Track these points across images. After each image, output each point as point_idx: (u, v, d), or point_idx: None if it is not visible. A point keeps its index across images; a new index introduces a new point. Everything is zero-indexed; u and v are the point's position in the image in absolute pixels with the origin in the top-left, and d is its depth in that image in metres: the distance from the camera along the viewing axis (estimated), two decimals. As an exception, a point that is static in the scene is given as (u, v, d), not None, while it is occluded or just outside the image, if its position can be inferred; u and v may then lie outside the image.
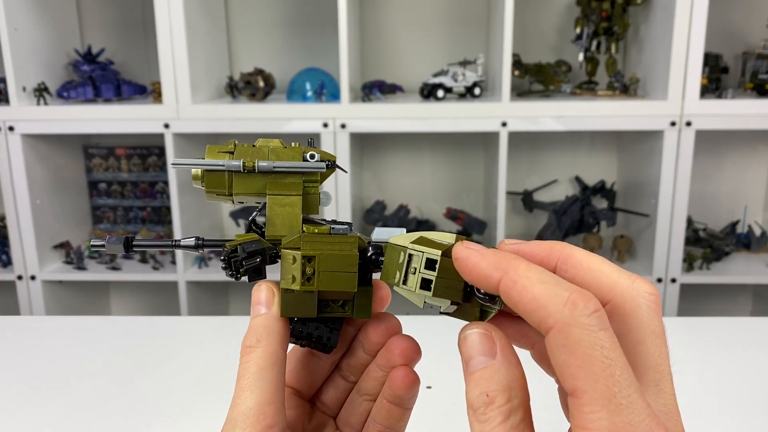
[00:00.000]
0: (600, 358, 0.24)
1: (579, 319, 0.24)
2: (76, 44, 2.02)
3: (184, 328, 0.97)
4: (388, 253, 0.33)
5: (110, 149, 2.10)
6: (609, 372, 0.23)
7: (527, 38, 1.96)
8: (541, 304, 0.25)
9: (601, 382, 0.23)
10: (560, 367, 0.24)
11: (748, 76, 1.80)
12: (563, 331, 0.24)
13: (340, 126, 1.73)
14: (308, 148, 0.37)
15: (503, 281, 0.26)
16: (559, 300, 0.24)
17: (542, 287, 0.25)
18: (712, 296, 2.06)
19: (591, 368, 0.23)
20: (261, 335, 0.33)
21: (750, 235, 1.95)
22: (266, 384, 0.32)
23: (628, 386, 0.24)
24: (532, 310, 0.25)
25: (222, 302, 2.18)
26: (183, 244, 0.39)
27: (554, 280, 0.25)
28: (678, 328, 0.97)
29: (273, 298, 0.34)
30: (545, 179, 2.05)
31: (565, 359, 0.24)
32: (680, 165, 1.69)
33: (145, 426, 0.69)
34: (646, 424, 0.23)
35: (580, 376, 0.24)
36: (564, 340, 0.24)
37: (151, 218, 2.14)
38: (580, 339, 0.24)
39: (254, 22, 2.04)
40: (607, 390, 0.23)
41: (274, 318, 0.34)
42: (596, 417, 0.23)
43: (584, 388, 0.23)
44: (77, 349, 0.87)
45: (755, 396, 0.74)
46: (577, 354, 0.24)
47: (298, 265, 0.33)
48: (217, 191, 0.37)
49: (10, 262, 1.89)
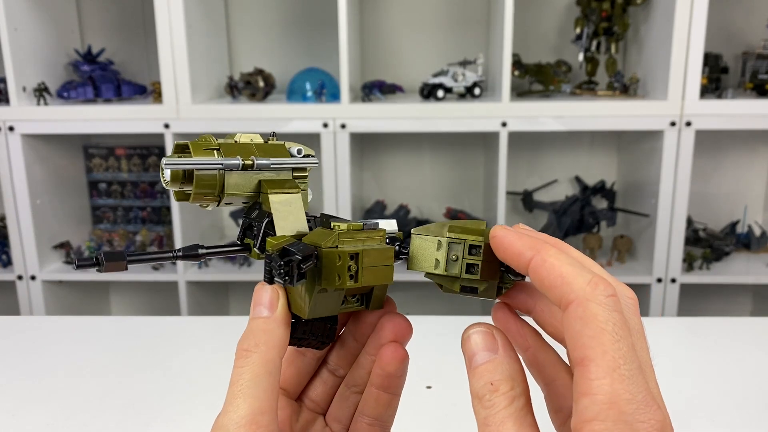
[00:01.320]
0: (611, 332, 0.26)
1: (598, 297, 0.27)
2: (76, 44, 2.02)
3: (184, 328, 0.97)
4: (416, 243, 0.35)
5: (110, 149, 2.10)
6: (617, 346, 0.26)
7: (527, 38, 1.96)
8: (567, 281, 0.28)
9: (609, 354, 0.26)
10: (574, 336, 0.27)
11: (748, 76, 1.80)
12: (583, 304, 0.27)
13: (340, 126, 1.73)
14: (291, 143, 0.37)
15: (535, 259, 0.29)
16: (583, 279, 0.28)
17: (570, 267, 0.28)
18: (712, 296, 2.06)
19: (602, 339, 0.26)
20: (260, 340, 0.32)
21: (750, 235, 1.95)
22: (261, 392, 0.31)
23: (632, 361, 0.26)
24: (558, 285, 0.28)
25: (222, 302, 2.18)
26: (184, 254, 0.35)
27: (580, 264, 0.29)
28: (678, 328, 0.97)
29: (277, 300, 0.33)
30: (545, 179, 2.05)
31: (580, 329, 0.27)
32: (680, 165, 1.70)
33: (145, 426, 0.69)
34: (643, 396, 0.26)
35: (591, 345, 0.26)
36: (582, 312, 0.27)
37: (151, 218, 2.14)
38: (597, 313, 0.27)
39: (254, 22, 2.04)
40: (613, 361, 0.26)
41: (276, 322, 0.33)
42: (600, 383, 0.25)
43: (592, 357, 0.26)
44: (77, 349, 0.87)
45: (755, 396, 0.74)
46: (592, 325, 0.26)
47: (344, 263, 0.32)
48: (206, 192, 0.34)
49: (10, 262, 1.89)
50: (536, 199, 2.00)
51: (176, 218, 1.83)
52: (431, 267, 0.34)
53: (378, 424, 0.37)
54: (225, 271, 1.90)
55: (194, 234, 1.93)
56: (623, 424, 0.25)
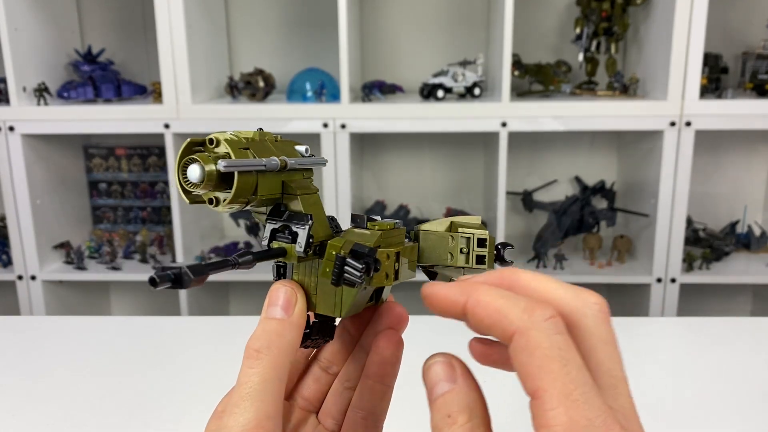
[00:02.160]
0: (557, 359, 0.25)
1: (537, 323, 0.26)
2: (76, 44, 2.02)
3: (184, 328, 0.97)
4: (429, 238, 0.37)
5: (110, 149, 2.10)
6: (566, 371, 0.25)
7: (527, 38, 1.96)
8: (503, 314, 0.27)
9: (559, 381, 0.25)
10: (522, 369, 0.26)
11: (748, 76, 1.80)
12: (524, 334, 0.26)
13: (340, 126, 1.73)
14: (295, 142, 0.36)
15: (469, 302, 0.28)
16: (518, 308, 0.27)
17: (503, 300, 0.27)
18: (712, 296, 2.06)
19: (549, 367, 0.25)
20: (272, 343, 0.31)
21: (750, 235, 1.95)
22: (268, 397, 0.30)
23: (584, 384, 0.25)
24: (497, 321, 0.27)
25: (222, 302, 2.18)
26: (242, 261, 0.34)
27: (512, 295, 0.28)
28: (678, 328, 0.97)
29: (294, 303, 0.32)
30: (545, 179, 2.05)
31: (526, 360, 0.26)
32: (680, 165, 1.70)
33: (145, 426, 0.69)
34: (602, 419, 0.25)
35: (539, 375, 0.25)
36: (525, 343, 0.26)
37: (151, 218, 2.14)
38: (539, 341, 0.26)
39: (254, 22, 2.04)
40: (564, 387, 0.25)
41: (291, 326, 0.32)
42: (555, 413, 0.24)
43: (544, 387, 0.25)
44: (77, 349, 0.87)
45: (755, 396, 0.74)
46: (537, 354, 0.25)
47: (392, 262, 0.33)
48: (244, 195, 0.32)
49: (11, 262, 1.89)
50: (536, 199, 2.00)
51: (176, 218, 1.83)
52: (446, 260, 0.36)
53: (371, 418, 0.37)
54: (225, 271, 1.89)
55: (194, 234, 1.93)
56: None
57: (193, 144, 0.32)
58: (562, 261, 1.87)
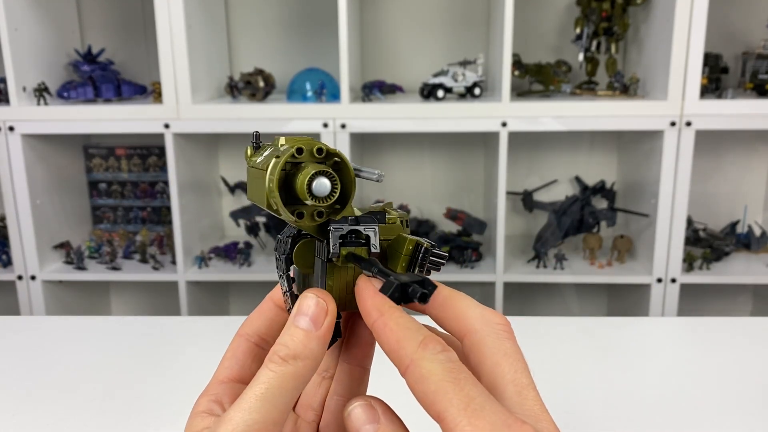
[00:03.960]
0: (450, 380, 0.27)
1: (429, 356, 0.28)
2: (76, 44, 2.02)
3: (184, 328, 0.97)
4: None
5: (110, 149, 2.10)
6: (459, 387, 0.27)
7: (527, 38, 1.96)
8: (402, 345, 0.29)
9: (455, 397, 0.27)
10: (422, 398, 0.28)
11: (748, 76, 1.80)
12: (418, 366, 0.28)
13: (340, 126, 1.73)
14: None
15: (377, 323, 0.30)
16: (415, 342, 0.29)
17: (406, 332, 0.29)
18: (712, 296, 2.06)
19: (445, 389, 0.27)
20: (299, 354, 0.31)
21: (750, 235, 1.95)
22: (281, 403, 0.30)
23: (479, 395, 0.27)
24: (395, 350, 0.29)
25: (222, 302, 2.18)
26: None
27: (417, 327, 0.30)
28: (678, 328, 0.97)
29: (324, 318, 0.32)
30: (545, 179, 2.05)
31: (423, 389, 0.28)
32: (680, 165, 1.70)
33: (145, 426, 0.69)
34: (503, 419, 0.26)
35: (437, 399, 0.27)
36: (419, 374, 0.28)
37: (151, 218, 2.14)
38: (432, 370, 0.28)
39: (254, 22, 2.04)
40: (460, 402, 0.27)
41: (318, 340, 0.31)
42: (462, 426, 0.26)
43: (445, 408, 0.27)
44: (77, 349, 0.87)
45: (755, 396, 0.74)
46: (432, 380, 0.27)
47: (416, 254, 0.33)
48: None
49: (10, 262, 1.89)
50: (536, 199, 2.00)
51: (176, 218, 1.83)
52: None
53: None
54: (225, 271, 1.90)
55: (194, 234, 1.93)
56: None
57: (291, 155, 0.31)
58: (562, 261, 1.87)
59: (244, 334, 0.36)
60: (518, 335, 0.31)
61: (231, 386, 0.35)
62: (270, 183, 0.31)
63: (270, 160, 0.31)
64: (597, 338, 0.89)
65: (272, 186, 0.31)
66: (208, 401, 0.34)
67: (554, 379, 0.78)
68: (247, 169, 0.35)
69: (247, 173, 0.35)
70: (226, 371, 0.36)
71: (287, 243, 0.34)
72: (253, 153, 0.35)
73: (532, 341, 0.88)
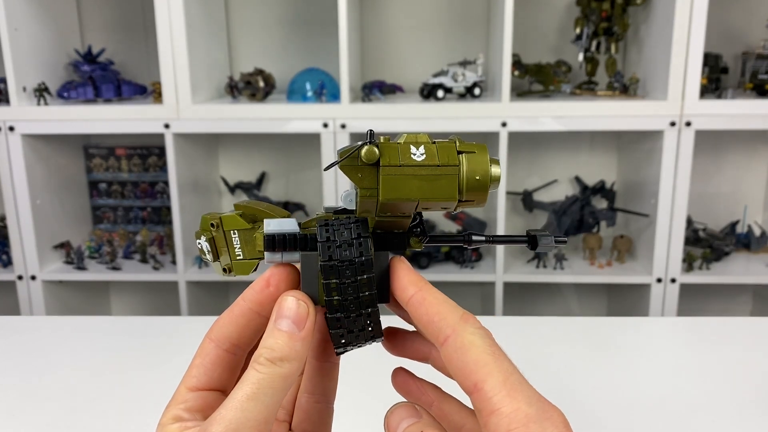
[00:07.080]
0: (491, 354, 0.29)
1: (470, 329, 0.30)
2: (76, 44, 2.02)
3: (184, 328, 0.97)
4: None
5: (110, 149, 2.10)
6: (499, 362, 0.29)
7: (527, 38, 1.96)
8: (442, 317, 0.31)
9: (495, 370, 0.29)
10: (459, 367, 0.29)
11: (748, 76, 1.80)
12: (459, 336, 0.30)
13: (340, 126, 1.73)
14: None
15: (417, 296, 0.32)
16: (456, 315, 0.31)
17: (445, 305, 0.31)
18: (712, 296, 2.06)
19: (485, 360, 0.29)
20: (285, 356, 0.31)
21: (750, 235, 1.95)
22: (271, 403, 0.31)
23: (516, 372, 0.29)
24: (435, 321, 0.31)
25: (222, 302, 2.18)
26: (475, 239, 0.36)
27: (454, 303, 0.32)
28: (678, 328, 0.97)
29: (306, 318, 0.32)
30: (545, 179, 2.05)
31: (462, 359, 0.29)
32: (680, 165, 1.70)
33: (145, 426, 0.69)
34: (537, 398, 0.28)
35: (477, 369, 0.29)
36: (460, 343, 0.30)
37: (151, 218, 2.14)
38: (473, 341, 0.30)
39: (254, 22, 2.04)
40: (501, 374, 0.28)
41: (303, 342, 0.32)
42: (500, 398, 0.28)
43: (483, 378, 0.28)
44: (77, 349, 0.87)
45: (755, 396, 0.74)
46: (472, 352, 0.29)
47: None
48: None
49: (11, 262, 1.89)
50: (536, 199, 2.00)
51: (176, 218, 1.83)
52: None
53: (323, 400, 0.37)
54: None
55: (194, 234, 1.93)
56: (534, 424, 0.27)
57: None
58: (562, 261, 1.87)
59: (214, 339, 0.34)
60: (518, 335, 0.33)
61: (201, 395, 0.34)
62: (484, 177, 0.34)
63: (451, 155, 0.34)
64: (597, 338, 0.90)
65: (484, 179, 0.34)
66: (178, 409, 0.33)
67: (554, 379, 0.78)
68: (383, 169, 0.32)
69: (386, 172, 0.32)
70: (194, 380, 0.34)
71: (363, 245, 0.32)
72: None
73: (532, 341, 0.88)
